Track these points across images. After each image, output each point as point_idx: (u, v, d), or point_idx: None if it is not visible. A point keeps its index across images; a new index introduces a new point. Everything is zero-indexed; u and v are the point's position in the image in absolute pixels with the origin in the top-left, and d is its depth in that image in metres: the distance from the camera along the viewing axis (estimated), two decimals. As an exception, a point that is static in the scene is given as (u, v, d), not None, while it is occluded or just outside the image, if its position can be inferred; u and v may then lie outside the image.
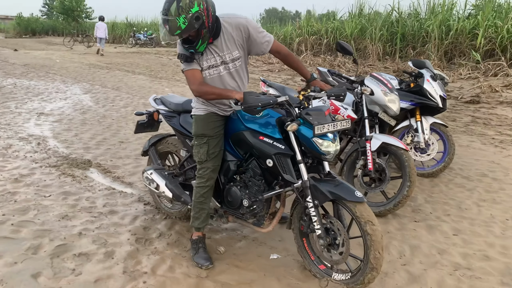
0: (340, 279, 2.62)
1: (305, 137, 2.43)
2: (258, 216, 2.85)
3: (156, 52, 24.49)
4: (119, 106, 8.41)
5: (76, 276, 2.72)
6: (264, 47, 2.70)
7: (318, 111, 2.46)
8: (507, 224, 3.61)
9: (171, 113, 3.35)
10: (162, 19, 2.45)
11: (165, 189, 3.24)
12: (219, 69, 2.68)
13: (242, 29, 2.62)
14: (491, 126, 7.07)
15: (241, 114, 2.75)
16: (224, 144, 2.91)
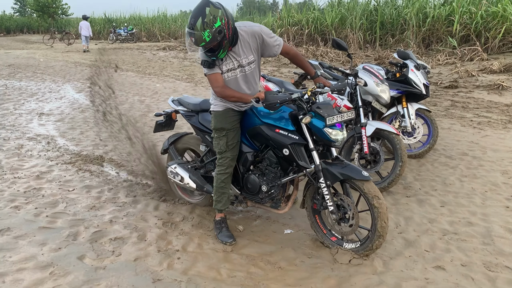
0: (351, 248, 3.05)
1: (317, 128, 2.84)
2: (275, 200, 3.26)
3: (138, 47, 24.53)
4: (115, 103, 8.66)
5: (117, 256, 3.10)
6: (275, 50, 3.09)
7: (327, 104, 2.89)
8: (486, 195, 4.11)
9: (190, 113, 3.71)
10: (188, 32, 2.79)
11: (189, 180, 3.61)
12: (236, 72, 3.07)
13: (256, 36, 3.01)
14: (469, 109, 7.62)
15: (257, 111, 3.14)
16: (241, 137, 3.30)
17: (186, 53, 20.08)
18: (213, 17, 2.73)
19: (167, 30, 31.60)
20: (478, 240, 3.30)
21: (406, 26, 16.10)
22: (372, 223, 2.90)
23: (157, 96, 9.42)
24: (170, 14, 35.13)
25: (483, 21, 14.07)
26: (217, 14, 2.73)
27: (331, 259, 3.05)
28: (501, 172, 4.66)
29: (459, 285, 2.74)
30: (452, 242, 3.26)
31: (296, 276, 2.87)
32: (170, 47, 22.63)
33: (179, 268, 2.96)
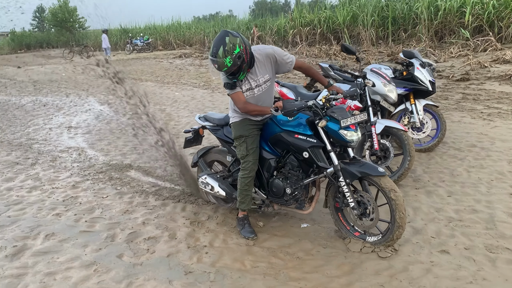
0: (373, 240, 3.30)
1: (333, 130, 3.15)
2: (299, 201, 3.55)
3: (155, 56, 25.15)
4: (138, 114, 9.11)
5: (152, 254, 3.46)
6: (288, 66, 3.48)
7: (341, 109, 3.21)
8: (491, 184, 4.34)
9: (216, 127, 4.05)
10: (211, 60, 3.18)
11: (219, 189, 3.93)
12: (254, 91, 3.45)
13: (270, 57, 3.40)
14: (480, 101, 7.78)
15: (277, 120, 3.47)
16: (264, 145, 3.62)
17: (202, 59, 20.55)
18: (233, 44, 3.11)
19: (182, 38, 32.21)
20: (482, 225, 3.55)
21: (418, 20, 16.18)
22: (391, 215, 3.15)
23: (177, 105, 9.83)
24: (184, 21, 35.78)
25: (496, 11, 14.07)
26: (236, 42, 3.12)
27: (345, 248, 3.36)
28: (508, 161, 4.87)
29: (461, 266, 3.01)
30: (456, 229, 3.53)
31: (313, 265, 3.18)
32: (186, 55, 23.15)
33: (207, 261, 3.31)
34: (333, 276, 3.02)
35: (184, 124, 7.82)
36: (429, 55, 12.90)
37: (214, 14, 56.28)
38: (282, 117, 3.42)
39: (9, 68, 24.00)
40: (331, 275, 3.04)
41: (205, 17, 55.70)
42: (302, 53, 17.70)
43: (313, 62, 15.07)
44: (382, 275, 2.98)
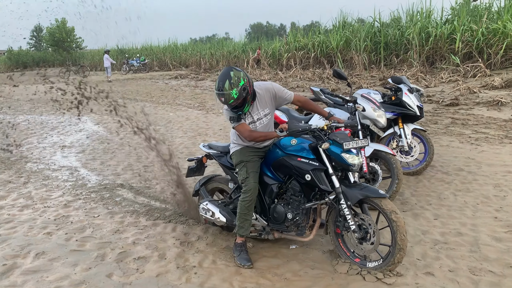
0: (374, 266, 3.30)
1: (335, 154, 3.24)
2: (300, 227, 3.58)
3: (151, 77, 25.41)
4: (132, 134, 9.18)
5: (141, 273, 3.49)
6: (287, 101, 3.71)
7: (343, 133, 3.32)
8: (477, 207, 4.43)
9: (220, 154, 4.14)
10: (218, 94, 3.35)
11: (220, 215, 3.93)
12: (256, 124, 3.61)
13: (270, 91, 3.61)
14: (469, 126, 7.94)
15: (281, 145, 3.57)
16: (266, 171, 3.70)
17: (198, 81, 20.77)
18: (237, 78, 3.31)
19: (178, 59, 32.60)
20: (466, 248, 3.62)
21: (410, 46, 16.54)
22: (392, 238, 3.18)
23: (171, 125, 9.93)
24: (180, 43, 36.24)
25: (484, 38, 14.44)
26: (240, 75, 3.33)
27: (332, 269, 3.41)
28: (493, 186, 4.98)
29: (445, 288, 3.07)
30: (442, 251, 3.59)
31: (300, 285, 3.22)
32: (182, 76, 23.41)
33: (196, 281, 3.34)
34: (320, 297, 3.06)
35: (178, 145, 7.90)
36: (420, 80, 13.16)
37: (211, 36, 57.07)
38: (285, 142, 3.54)
39: (5, 87, 24.09)
40: (318, 296, 3.08)
41: (201, 39, 56.43)
42: (296, 76, 17.96)
43: (306, 85, 15.30)
44: (367, 296, 3.03)
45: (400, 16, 19.25)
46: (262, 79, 18.44)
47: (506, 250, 3.56)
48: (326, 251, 3.72)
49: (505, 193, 4.76)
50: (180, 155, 7.12)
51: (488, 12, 16.19)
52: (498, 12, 16.27)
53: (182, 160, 6.73)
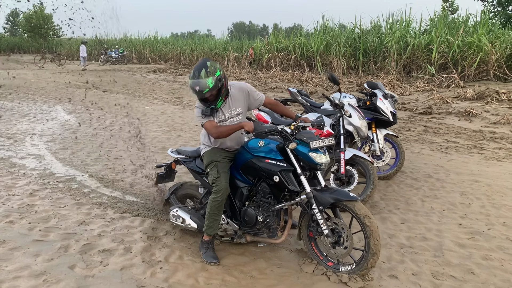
0: (347, 270, 3.29)
1: (303, 153, 3.24)
2: (272, 229, 3.56)
3: (129, 69, 25.03)
4: (105, 125, 9.03)
5: (105, 266, 3.42)
6: (258, 103, 3.71)
7: (309, 133, 3.32)
8: (443, 213, 4.53)
9: (189, 159, 4.07)
10: (193, 82, 3.31)
11: (190, 221, 3.86)
12: (226, 123, 3.57)
13: (244, 91, 3.62)
14: (440, 134, 8.12)
15: (248, 147, 3.54)
16: (236, 174, 3.67)
17: (176, 75, 20.58)
18: (214, 67, 3.31)
19: (158, 53, 32.23)
20: (430, 253, 3.69)
21: (388, 53, 16.83)
22: (365, 242, 3.17)
23: (146, 118, 9.80)
24: (161, 37, 35.84)
25: (460, 50, 14.83)
26: (216, 66, 3.35)
27: (298, 268, 3.42)
28: (460, 193, 5.10)
29: (407, 291, 3.12)
30: (406, 255, 3.65)
31: (266, 284, 3.22)
32: (160, 70, 23.17)
33: (161, 276, 3.29)
34: (284, 296, 3.07)
35: (151, 138, 7.80)
36: (396, 88, 13.39)
37: (193, 32, 56.65)
38: (253, 144, 3.52)
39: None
40: (283, 295, 3.08)
41: (183, 34, 55.94)
42: (275, 77, 18.02)
43: (285, 86, 15.36)
44: (331, 296, 3.05)
45: (380, 24, 19.59)
46: (242, 78, 18.43)
47: (468, 256, 3.64)
48: (293, 250, 3.73)
49: (470, 201, 4.89)
50: (153, 149, 7.03)
51: (465, 26, 16.64)
52: (474, 26, 16.73)
53: (155, 154, 6.65)
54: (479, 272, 3.39)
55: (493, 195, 5.07)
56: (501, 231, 4.13)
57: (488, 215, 4.51)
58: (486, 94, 10.99)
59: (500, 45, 14.21)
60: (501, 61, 13.99)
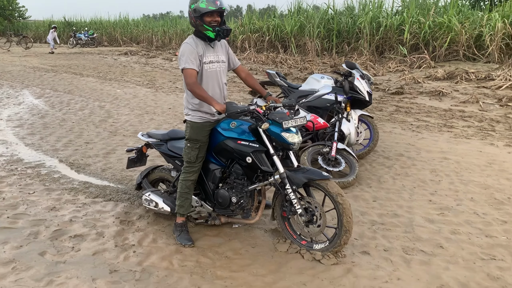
0: (321, 248, 3.33)
1: (275, 133, 3.21)
2: (246, 210, 3.55)
3: (99, 52, 24.38)
4: (75, 109, 8.80)
5: (76, 251, 3.36)
6: (235, 63, 3.70)
7: (281, 113, 3.28)
8: (413, 191, 4.63)
9: (160, 142, 4.00)
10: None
11: (163, 205, 3.79)
12: (215, 65, 3.47)
13: (226, 46, 3.64)
14: (411, 114, 8.26)
15: (220, 128, 3.49)
16: (208, 157, 3.61)
17: (148, 58, 20.17)
18: None
19: (129, 35, 31.46)
20: (401, 229, 3.78)
21: (361, 34, 16.88)
22: (338, 220, 3.21)
23: (117, 102, 9.59)
24: (132, 18, 34.95)
25: (431, 31, 14.99)
26: None
27: (273, 247, 3.45)
28: (430, 171, 5.22)
29: (379, 267, 3.19)
30: (378, 231, 3.73)
31: (240, 264, 3.23)
32: (132, 52, 22.65)
33: (134, 260, 3.26)
34: (259, 275, 3.09)
35: (123, 122, 7.65)
36: (369, 69, 13.49)
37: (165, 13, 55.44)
38: (225, 125, 3.47)
39: None
40: (257, 274, 3.11)
41: (155, 16, 54.70)
42: (250, 59, 17.88)
43: (260, 68, 15.27)
44: (305, 274, 3.09)
45: (353, 5, 19.58)
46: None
47: (438, 231, 3.74)
48: (268, 230, 3.75)
49: (440, 178, 5.01)
50: (125, 133, 6.90)
51: (436, 6, 16.80)
52: (445, 7, 16.93)
53: (126, 138, 6.54)
54: (447, 246, 3.49)
55: (461, 171, 5.21)
56: (469, 206, 4.25)
57: (457, 191, 4.64)
58: (456, 74, 11.19)
59: (470, 26, 14.43)
60: (470, 42, 14.22)
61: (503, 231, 3.76)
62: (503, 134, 6.87)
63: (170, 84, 12.31)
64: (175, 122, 7.62)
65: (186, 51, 3.35)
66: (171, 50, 23.52)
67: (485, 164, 5.46)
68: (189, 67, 3.33)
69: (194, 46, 3.37)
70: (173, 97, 10.26)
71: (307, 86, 6.03)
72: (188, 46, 3.37)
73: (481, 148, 6.15)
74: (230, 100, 8.51)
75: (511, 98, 8.73)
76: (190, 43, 3.39)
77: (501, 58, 12.99)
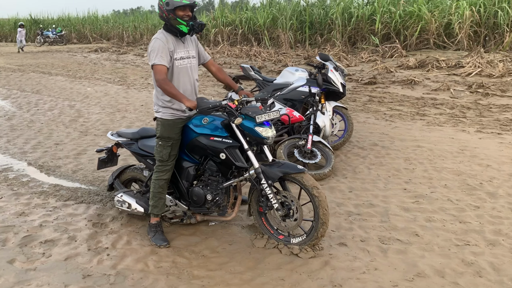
0: (298, 241, 3.31)
1: (249, 128, 3.16)
2: (222, 207, 3.49)
3: (68, 49, 23.78)
4: (44, 109, 8.54)
5: (47, 257, 3.25)
6: (205, 57, 3.63)
7: (254, 107, 3.23)
8: (388, 180, 4.67)
9: (130, 142, 3.89)
10: None
11: (137, 206, 3.70)
12: (186, 61, 3.40)
13: (196, 41, 3.57)
14: (384, 103, 8.34)
15: (193, 125, 3.41)
16: (181, 154, 3.53)
17: (119, 54, 19.77)
18: None
19: (99, 31, 30.78)
20: (377, 218, 3.80)
21: (333, 25, 16.95)
22: (314, 213, 3.20)
23: (88, 101, 9.35)
24: (102, 14, 34.20)
25: (402, 20, 15.16)
26: None
27: (250, 244, 3.41)
28: (404, 159, 5.27)
29: (356, 258, 3.19)
30: (355, 222, 3.74)
31: (218, 262, 3.18)
32: (102, 49, 22.16)
33: (108, 263, 3.17)
34: (237, 273, 3.05)
35: (94, 121, 7.46)
36: (342, 60, 13.57)
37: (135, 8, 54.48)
38: (197, 121, 3.40)
39: None
40: (235, 271, 3.07)
41: (125, 11, 53.67)
42: (224, 53, 17.74)
43: (234, 62, 15.17)
44: (283, 269, 3.07)
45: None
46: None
47: (413, 219, 3.78)
48: (245, 226, 3.72)
49: (414, 166, 5.06)
50: (96, 132, 6.73)
51: (405, -5, 16.99)
52: (414, -5, 17.14)
53: (98, 138, 6.38)
54: (423, 234, 3.53)
55: (435, 159, 5.28)
56: (443, 193, 4.31)
57: (431, 178, 4.70)
58: (427, 62, 11.37)
59: (439, 14, 14.66)
60: (440, 30, 14.45)
61: (476, 216, 3.83)
62: (473, 120, 7.01)
63: (142, 81, 12.09)
64: (148, 120, 7.48)
65: (156, 47, 3.26)
66: (142, 46, 23.10)
67: (457, 151, 5.55)
68: (159, 63, 3.24)
69: (164, 41, 3.28)
70: (146, 94, 10.08)
71: (281, 79, 6.01)
72: (159, 41, 3.28)
73: (453, 135, 6.25)
74: (203, 95, 8.43)
75: (480, 84, 8.91)
76: (160, 38, 3.30)
77: (470, 46, 13.26)
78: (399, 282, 2.91)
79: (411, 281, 2.91)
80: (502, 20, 12.86)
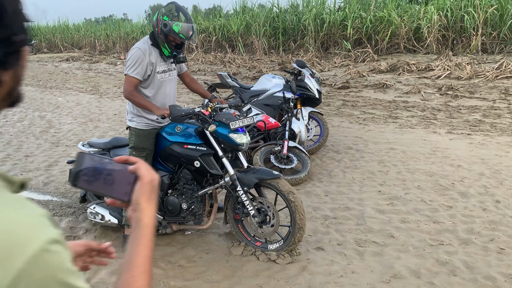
0: (275, 248, 3.29)
1: (223, 135, 3.15)
2: (197, 216, 3.45)
3: (38, 59, 23.22)
4: (13, 121, 8.29)
5: (17, 274, 3.13)
6: (182, 69, 3.70)
7: (228, 114, 3.22)
8: (363, 182, 4.72)
9: (102, 152, 3.81)
10: (188, 25, 3.20)
11: (110, 217, 3.61)
12: (167, 74, 3.40)
13: None
14: (358, 107, 8.46)
15: (166, 133, 3.37)
16: (155, 163, 3.48)
17: (91, 63, 19.46)
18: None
19: (70, 40, 30.25)
20: (353, 221, 3.83)
21: (306, 31, 17.14)
22: (291, 218, 3.20)
23: (59, 111, 9.15)
24: (73, 23, 33.63)
25: (372, 25, 15.45)
26: None
27: (227, 252, 3.38)
28: (378, 162, 5.35)
29: (334, 261, 3.20)
30: (331, 226, 3.76)
31: (194, 271, 3.14)
32: (74, 58, 21.76)
33: (81, 277, 3.08)
34: (214, 282, 3.01)
35: (66, 132, 7.29)
36: (316, 65, 13.71)
37: (107, 17, 53.82)
38: (170, 130, 3.37)
39: None
40: (212, 280, 3.03)
41: (97, 20, 52.95)
42: (198, 60, 17.67)
43: (208, 69, 15.13)
44: (261, 276, 3.05)
45: (297, 3, 19.85)
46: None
47: (388, 221, 3.83)
48: (221, 234, 3.68)
49: (388, 168, 5.14)
50: (68, 143, 6.58)
51: (376, 1, 17.34)
52: (384, 1, 17.51)
53: (69, 148, 6.23)
54: (398, 235, 3.57)
55: (408, 160, 5.38)
56: (416, 194, 4.39)
57: (404, 180, 4.78)
58: (398, 66, 11.59)
59: (408, 19, 15.00)
60: (410, 34, 14.78)
61: (449, 216, 3.90)
62: (444, 122, 7.17)
63: (115, 89, 11.91)
64: (121, 129, 7.37)
65: (135, 57, 3.23)
66: (115, 54, 22.81)
67: (430, 152, 5.67)
68: (131, 74, 3.22)
69: (146, 53, 3.25)
70: (119, 103, 9.93)
71: (259, 86, 6.04)
72: (140, 52, 3.23)
73: (425, 137, 6.38)
74: (178, 103, 8.35)
75: (449, 86, 9.14)
76: (142, 49, 3.25)
77: (439, 49, 13.61)
78: (376, 284, 2.93)
79: (387, 282, 2.94)
80: (469, 24, 13.27)
